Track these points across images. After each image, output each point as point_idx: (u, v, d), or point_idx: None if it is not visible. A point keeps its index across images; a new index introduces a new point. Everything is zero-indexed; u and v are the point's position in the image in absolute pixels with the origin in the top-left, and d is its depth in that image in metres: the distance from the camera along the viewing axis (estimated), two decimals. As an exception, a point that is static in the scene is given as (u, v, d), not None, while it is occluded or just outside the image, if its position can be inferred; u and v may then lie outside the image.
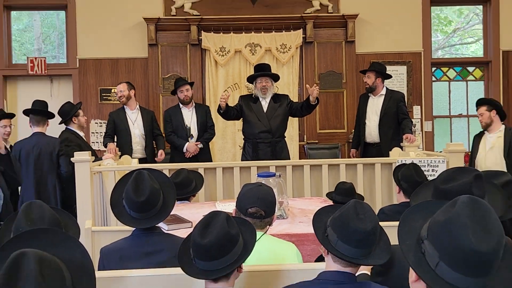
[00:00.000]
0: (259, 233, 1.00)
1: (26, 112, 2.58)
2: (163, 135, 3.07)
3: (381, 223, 0.93)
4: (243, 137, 2.82)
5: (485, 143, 2.74)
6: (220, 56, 3.73)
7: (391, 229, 0.93)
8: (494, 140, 2.70)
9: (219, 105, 2.64)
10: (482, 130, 2.78)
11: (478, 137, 2.82)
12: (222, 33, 3.71)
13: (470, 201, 0.61)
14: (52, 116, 2.58)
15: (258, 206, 1.13)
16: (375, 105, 2.98)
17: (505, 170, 2.33)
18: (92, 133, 3.76)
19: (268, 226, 1.19)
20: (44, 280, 0.56)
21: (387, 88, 2.99)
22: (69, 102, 2.75)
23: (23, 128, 3.22)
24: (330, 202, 1.97)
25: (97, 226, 2.03)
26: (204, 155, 2.94)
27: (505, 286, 0.64)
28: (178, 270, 0.89)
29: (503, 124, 2.73)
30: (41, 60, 3.76)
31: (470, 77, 4.15)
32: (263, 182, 1.44)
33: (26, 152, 2.42)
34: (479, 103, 2.79)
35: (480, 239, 0.56)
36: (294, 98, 3.43)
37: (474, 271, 0.59)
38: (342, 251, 0.87)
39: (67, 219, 1.09)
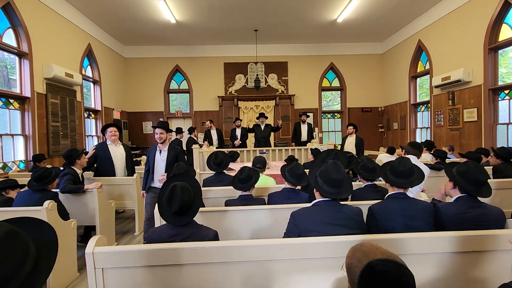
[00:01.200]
0: (261, 175, 3.06)
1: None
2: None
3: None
4: (254, 139, 8.42)
5: (348, 141, 8.58)
6: (245, 110, 9.98)
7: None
8: (351, 140, 8.61)
9: (248, 128, 8.56)
10: (346, 135, 8.31)
11: (345, 138, 7.80)
12: (245, 101, 9.96)
13: (333, 161, 1.67)
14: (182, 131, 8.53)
15: (260, 164, 3.20)
16: (304, 127, 7.24)
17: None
18: (198, 138, 10.09)
19: (263, 172, 3.20)
20: (184, 196, 1.48)
21: (307, 122, 8.35)
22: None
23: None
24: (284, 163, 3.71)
25: (201, 171, 7.88)
26: (243, 145, 7.23)
27: (346, 191, 1.67)
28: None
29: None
30: (180, 111, 10.09)
31: (336, 117, 10.36)
32: (261, 155, 3.97)
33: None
34: (350, 124, 8.10)
35: (336, 174, 1.63)
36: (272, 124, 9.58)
37: (335, 185, 1.63)
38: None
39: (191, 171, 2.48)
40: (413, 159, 2.80)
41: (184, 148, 6.96)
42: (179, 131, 6.90)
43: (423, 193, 2.34)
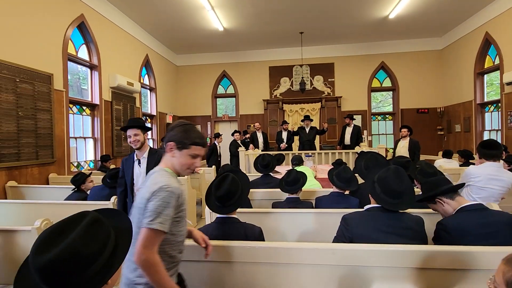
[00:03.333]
0: (302, 167, 3.70)
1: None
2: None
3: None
4: (299, 142, 8.35)
5: (400, 144, 7.76)
6: (290, 113, 9.94)
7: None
8: (404, 143, 7.76)
9: (292, 131, 8.31)
10: (399, 138, 7.96)
11: (398, 141, 6.58)
12: (290, 104, 9.93)
13: (395, 168, 1.51)
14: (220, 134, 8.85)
15: (296, 161, 3.77)
16: (348, 130, 7.25)
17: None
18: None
19: (301, 165, 3.82)
20: (232, 185, 1.56)
21: (354, 124, 7.76)
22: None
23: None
24: (332, 166, 3.91)
25: (247, 173, 7.70)
26: (288, 148, 7.31)
27: (406, 203, 1.50)
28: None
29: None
30: (226, 115, 10.46)
31: (387, 119, 9.68)
32: (307, 158, 5.19)
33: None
34: (403, 127, 6.68)
35: (397, 185, 1.48)
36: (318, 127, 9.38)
37: (394, 197, 1.48)
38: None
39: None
40: (491, 165, 2.49)
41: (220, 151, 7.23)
42: (216, 136, 7.10)
43: (495, 203, 2.11)
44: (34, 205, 3.04)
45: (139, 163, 2.53)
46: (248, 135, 7.46)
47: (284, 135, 7.23)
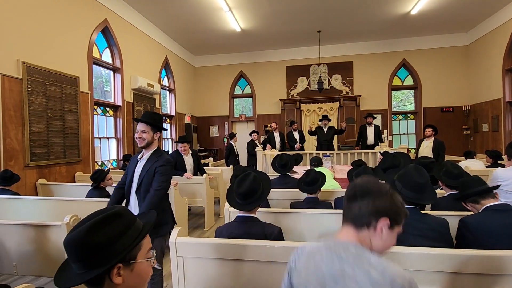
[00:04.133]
0: (320, 168, 3.43)
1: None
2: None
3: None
4: (316, 142, 7.80)
5: (424, 144, 5.73)
6: (307, 112, 9.84)
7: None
8: (428, 143, 5.64)
9: (310, 131, 7.50)
10: (422, 138, 5.91)
11: (421, 141, 5.83)
12: (308, 104, 9.85)
13: (414, 165, 1.52)
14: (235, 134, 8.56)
15: (315, 162, 3.58)
16: (370, 130, 7.19)
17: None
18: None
19: (320, 166, 3.53)
20: (254, 183, 1.60)
21: (374, 124, 7.57)
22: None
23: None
24: (351, 167, 3.80)
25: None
26: (301, 149, 7.32)
27: (429, 198, 1.50)
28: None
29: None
30: (243, 115, 10.53)
31: (408, 119, 9.38)
32: (325, 159, 5.05)
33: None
34: (428, 126, 5.75)
35: (418, 177, 1.48)
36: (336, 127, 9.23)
37: (417, 190, 1.48)
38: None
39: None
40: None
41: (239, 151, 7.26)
42: (231, 136, 7.10)
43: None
44: (62, 202, 3.22)
45: (137, 163, 2.18)
46: (256, 135, 7.35)
47: (296, 135, 7.19)
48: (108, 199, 2.57)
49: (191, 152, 4.89)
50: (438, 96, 8.93)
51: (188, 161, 4.79)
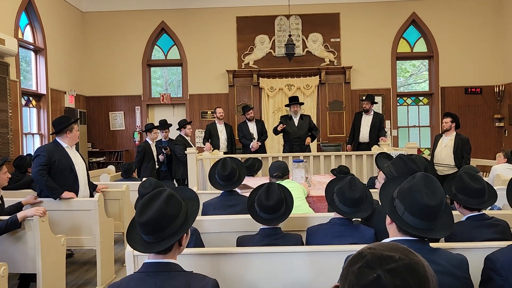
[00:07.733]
0: (286, 180, 3.55)
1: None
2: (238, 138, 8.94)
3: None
4: (283, 140, 7.27)
5: (442, 142, 6.06)
6: (270, 92, 9.78)
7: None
8: (447, 141, 6.01)
9: (276, 129, 6.90)
10: (440, 133, 6.14)
11: (438, 137, 6.14)
12: (271, 78, 9.81)
13: (423, 175, 1.55)
14: (170, 125, 7.47)
15: (278, 171, 3.60)
16: (367, 120, 7.21)
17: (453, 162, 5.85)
18: (196, 137, 10.07)
19: (286, 178, 3.62)
20: (167, 204, 1.66)
21: (374, 111, 7.47)
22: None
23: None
24: (333, 177, 4.12)
25: (199, 190, 5.25)
26: (261, 149, 7.17)
27: (444, 227, 1.57)
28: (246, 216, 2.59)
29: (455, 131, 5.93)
30: (167, 95, 10.23)
31: (420, 103, 10.00)
32: (295, 166, 4.37)
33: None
34: (446, 115, 6.06)
35: (429, 198, 1.49)
36: (313, 116, 9.30)
37: (426, 217, 1.51)
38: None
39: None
40: None
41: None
42: (163, 126, 7.07)
43: None
44: None
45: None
46: (187, 130, 7.16)
47: (252, 127, 7.24)
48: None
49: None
50: (462, 70, 9.59)
51: None
